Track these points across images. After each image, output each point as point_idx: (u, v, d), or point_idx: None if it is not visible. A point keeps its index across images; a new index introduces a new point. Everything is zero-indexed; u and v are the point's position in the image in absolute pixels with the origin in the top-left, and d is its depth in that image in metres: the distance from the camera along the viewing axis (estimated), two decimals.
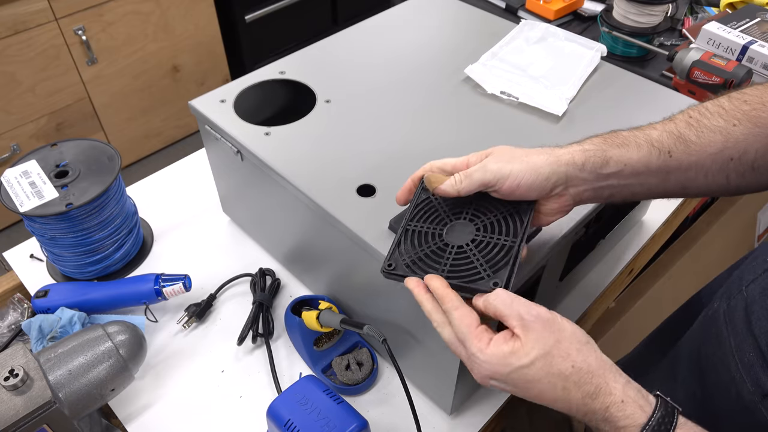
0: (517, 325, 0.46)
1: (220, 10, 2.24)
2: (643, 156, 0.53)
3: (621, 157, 0.53)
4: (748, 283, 0.57)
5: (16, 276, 0.90)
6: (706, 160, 0.53)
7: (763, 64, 0.96)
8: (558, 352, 0.45)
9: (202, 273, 0.87)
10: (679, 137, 0.53)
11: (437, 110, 0.79)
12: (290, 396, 0.65)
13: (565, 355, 0.44)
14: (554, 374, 0.44)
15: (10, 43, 1.75)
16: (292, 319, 0.78)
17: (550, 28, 0.94)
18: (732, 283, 0.60)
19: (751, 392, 0.52)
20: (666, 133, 0.54)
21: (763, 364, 0.51)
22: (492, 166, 0.53)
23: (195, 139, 2.43)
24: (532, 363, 0.45)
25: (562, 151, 0.54)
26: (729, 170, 0.53)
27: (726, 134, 0.52)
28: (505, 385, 0.47)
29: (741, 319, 0.55)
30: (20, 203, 0.77)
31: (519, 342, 0.45)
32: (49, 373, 0.62)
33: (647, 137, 0.54)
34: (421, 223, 0.57)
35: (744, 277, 0.58)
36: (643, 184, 0.55)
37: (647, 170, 0.54)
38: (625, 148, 0.54)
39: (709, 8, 1.29)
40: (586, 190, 0.55)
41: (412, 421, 0.61)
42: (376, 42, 0.92)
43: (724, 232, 1.39)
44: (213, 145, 0.82)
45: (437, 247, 0.55)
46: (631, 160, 0.53)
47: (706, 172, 0.54)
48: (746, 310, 0.55)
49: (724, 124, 0.52)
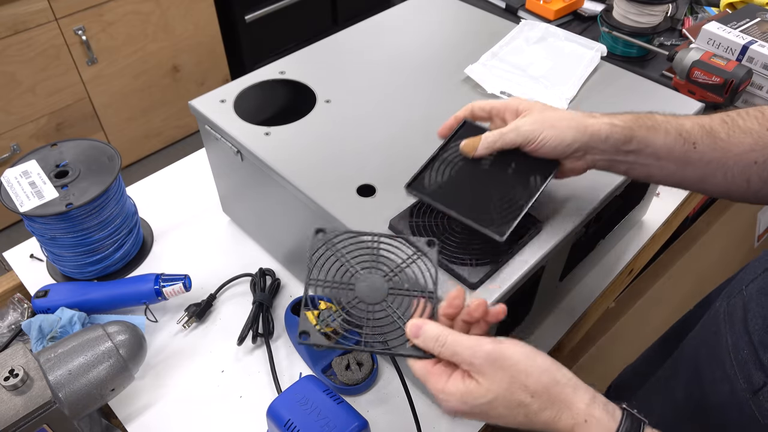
0: (469, 369, 0.46)
1: (220, 10, 2.24)
2: (668, 142, 0.56)
3: (645, 138, 0.56)
4: (747, 282, 0.57)
5: (16, 276, 0.90)
6: (730, 159, 0.54)
7: (763, 64, 0.96)
8: (514, 387, 0.44)
9: (202, 273, 0.87)
10: (710, 132, 0.55)
11: (437, 110, 0.79)
12: (290, 396, 0.65)
13: (522, 387, 0.44)
14: (514, 406, 0.45)
15: (10, 43, 1.75)
16: (292, 319, 0.78)
17: (550, 28, 0.94)
18: (734, 284, 0.61)
19: (743, 389, 0.53)
20: (698, 125, 0.56)
21: (756, 361, 0.52)
22: (524, 129, 0.58)
23: (195, 139, 2.43)
24: (489, 402, 0.45)
25: (591, 122, 0.57)
26: (751, 173, 0.54)
27: (756, 137, 0.53)
28: (469, 417, 0.47)
29: (739, 318, 0.56)
30: (20, 203, 0.77)
31: (475, 382, 0.45)
32: (49, 373, 0.62)
33: (678, 125, 0.56)
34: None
35: (745, 278, 0.59)
36: (662, 168, 0.57)
37: (668, 156, 0.56)
38: (653, 131, 0.56)
39: (709, 8, 1.29)
40: (601, 160, 0.58)
41: (412, 421, 0.61)
42: (376, 42, 0.92)
43: (724, 232, 1.39)
44: (213, 145, 0.82)
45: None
46: (654, 144, 0.56)
47: (727, 171, 0.55)
48: (744, 309, 0.56)
49: (758, 127, 0.54)
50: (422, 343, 0.48)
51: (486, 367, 0.45)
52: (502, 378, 0.45)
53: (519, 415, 0.45)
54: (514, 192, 0.59)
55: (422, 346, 0.48)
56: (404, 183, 0.61)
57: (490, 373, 0.45)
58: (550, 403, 0.44)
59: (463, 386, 0.46)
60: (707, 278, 1.39)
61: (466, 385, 0.46)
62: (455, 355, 0.46)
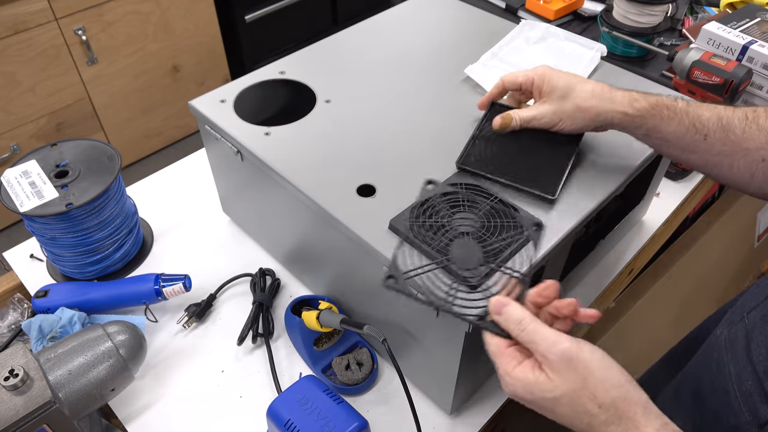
0: (542, 361, 0.45)
1: (220, 10, 2.24)
2: (680, 131, 0.59)
3: (655, 126, 0.61)
4: (749, 309, 0.56)
5: (16, 276, 0.90)
6: (738, 153, 0.56)
7: (763, 64, 0.96)
8: (584, 392, 0.43)
9: (202, 273, 0.87)
10: (725, 126, 0.56)
11: (437, 110, 0.79)
12: (290, 396, 0.65)
13: (591, 396, 0.43)
14: (579, 411, 0.43)
15: (10, 43, 1.75)
16: (292, 319, 0.78)
17: (550, 28, 0.94)
18: (735, 310, 0.60)
19: (748, 422, 0.52)
20: (716, 117, 0.57)
21: (761, 394, 0.51)
22: (544, 120, 0.66)
23: (195, 139, 2.43)
24: (555, 398, 0.44)
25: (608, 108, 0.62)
26: (756, 169, 0.55)
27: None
28: (529, 406, 0.47)
29: (741, 347, 0.55)
30: (20, 203, 0.77)
31: (544, 375, 0.44)
32: (49, 373, 0.62)
33: (695, 116, 0.58)
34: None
35: (746, 304, 0.58)
36: (668, 150, 0.62)
37: (676, 142, 0.60)
38: (667, 121, 0.59)
39: (709, 8, 1.29)
40: (615, 124, 0.64)
41: (412, 421, 0.61)
42: (376, 42, 0.92)
43: (724, 232, 1.39)
44: (213, 145, 0.82)
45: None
46: (664, 131, 0.59)
47: (733, 163, 0.57)
48: (746, 338, 0.55)
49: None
50: (503, 322, 0.47)
51: (560, 364, 0.44)
52: (574, 380, 0.43)
53: (582, 422, 0.44)
54: (552, 157, 0.68)
55: (502, 325, 0.47)
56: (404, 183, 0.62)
57: (562, 371, 0.44)
58: (617, 419, 0.43)
59: (532, 376, 0.45)
60: (707, 278, 1.39)
61: (536, 375, 0.45)
62: (532, 344, 0.45)
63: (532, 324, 0.46)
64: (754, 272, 1.57)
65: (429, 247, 0.58)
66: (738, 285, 1.50)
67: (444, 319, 0.59)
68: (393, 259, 0.54)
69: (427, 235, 0.58)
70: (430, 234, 0.59)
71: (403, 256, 0.55)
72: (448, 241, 0.59)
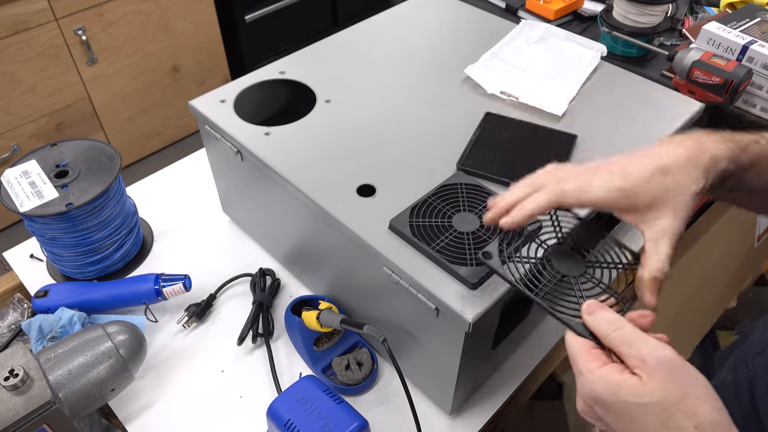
0: (637, 365, 0.41)
1: (220, 10, 2.24)
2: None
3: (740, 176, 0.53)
4: (754, 355, 0.55)
5: (16, 276, 0.90)
6: None
7: (763, 64, 0.96)
8: (681, 407, 0.38)
9: (202, 273, 0.87)
10: None
11: (437, 110, 0.79)
12: (290, 396, 0.65)
13: (691, 414, 0.38)
14: (671, 426, 0.38)
15: (10, 43, 1.75)
16: (292, 319, 0.78)
17: (550, 28, 0.94)
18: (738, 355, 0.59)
19: None
20: None
21: None
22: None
23: (195, 139, 2.43)
24: (644, 405, 0.39)
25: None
26: None
27: None
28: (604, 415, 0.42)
29: (746, 393, 0.54)
30: (20, 203, 0.77)
31: (636, 379, 0.40)
32: (49, 373, 0.62)
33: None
34: None
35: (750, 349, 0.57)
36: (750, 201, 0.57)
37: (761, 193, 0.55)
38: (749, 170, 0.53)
39: (709, 8, 1.29)
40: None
41: (412, 421, 0.61)
42: (376, 42, 0.92)
43: (724, 232, 1.39)
44: (213, 145, 0.82)
45: None
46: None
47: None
48: (750, 385, 0.54)
49: None
50: (593, 322, 0.44)
51: (660, 370, 0.40)
52: (672, 392, 0.39)
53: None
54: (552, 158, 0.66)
55: (591, 325, 0.45)
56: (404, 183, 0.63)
57: (661, 378, 0.39)
58: None
59: (619, 377, 0.40)
60: (707, 278, 1.39)
61: (624, 378, 0.40)
62: (627, 345, 0.42)
63: (628, 327, 0.43)
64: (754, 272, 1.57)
65: (429, 247, 0.59)
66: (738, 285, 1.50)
67: (444, 320, 0.59)
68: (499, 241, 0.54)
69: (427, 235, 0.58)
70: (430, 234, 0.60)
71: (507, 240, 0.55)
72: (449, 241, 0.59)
